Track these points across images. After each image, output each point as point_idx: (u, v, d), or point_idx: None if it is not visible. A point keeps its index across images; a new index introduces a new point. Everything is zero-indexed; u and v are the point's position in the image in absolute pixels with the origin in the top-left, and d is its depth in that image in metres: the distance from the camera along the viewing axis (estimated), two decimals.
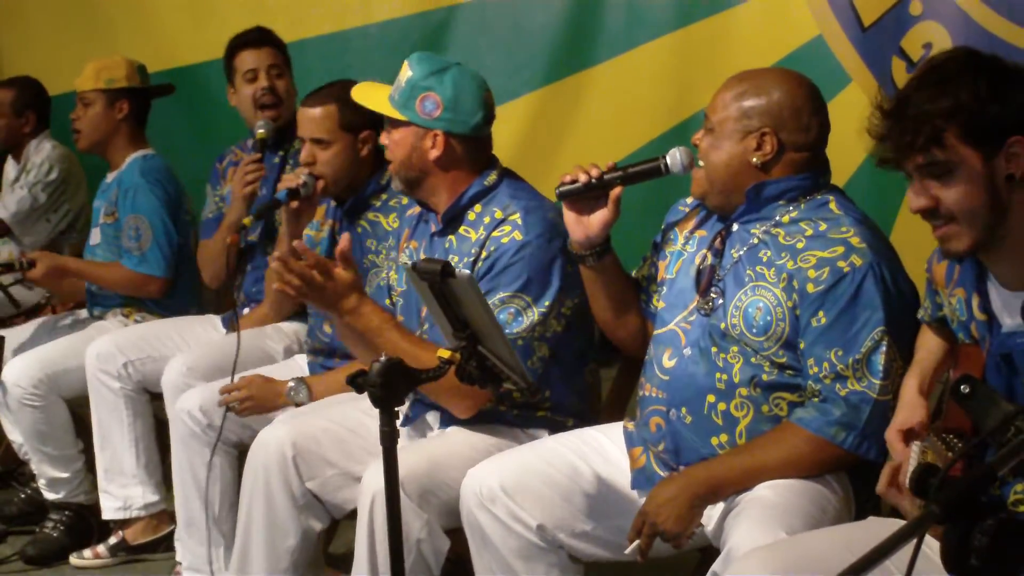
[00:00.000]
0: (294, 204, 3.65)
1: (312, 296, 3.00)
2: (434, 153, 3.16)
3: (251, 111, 4.24)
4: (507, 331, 2.98)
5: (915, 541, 1.48)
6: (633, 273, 3.11)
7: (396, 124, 3.20)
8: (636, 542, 2.66)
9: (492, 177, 3.22)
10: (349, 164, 3.65)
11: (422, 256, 3.28)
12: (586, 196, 2.91)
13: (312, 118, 3.63)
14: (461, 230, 3.20)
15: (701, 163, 2.82)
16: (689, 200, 3.03)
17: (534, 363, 3.07)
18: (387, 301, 3.41)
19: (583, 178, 2.89)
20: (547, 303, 3.06)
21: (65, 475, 4.41)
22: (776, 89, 2.75)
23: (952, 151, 2.16)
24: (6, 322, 4.58)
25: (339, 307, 3.00)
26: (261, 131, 4.14)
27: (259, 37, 4.31)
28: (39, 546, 4.34)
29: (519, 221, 3.10)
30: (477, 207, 3.19)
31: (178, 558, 3.94)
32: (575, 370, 3.23)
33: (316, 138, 3.63)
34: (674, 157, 2.87)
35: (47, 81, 5.42)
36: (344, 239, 3.04)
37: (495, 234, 3.11)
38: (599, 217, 2.91)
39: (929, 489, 1.49)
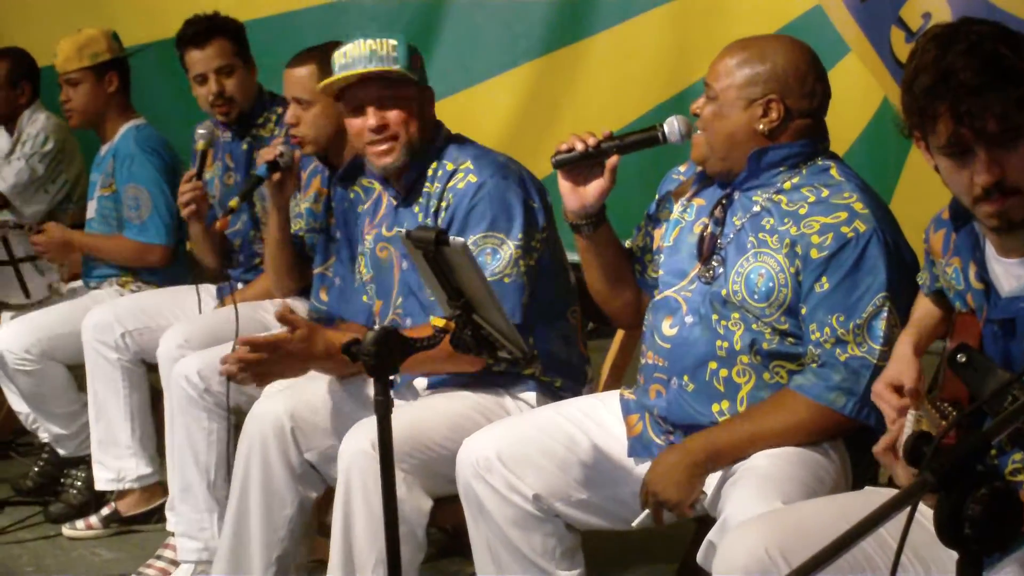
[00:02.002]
0: (276, 177, 3.69)
1: (287, 365, 3.09)
2: (431, 112, 3.24)
3: (209, 110, 4.24)
4: (488, 272, 3.02)
5: (908, 509, 1.47)
6: (627, 243, 3.10)
7: (399, 100, 3.17)
8: (645, 512, 2.69)
9: (442, 135, 3.28)
10: (331, 124, 3.63)
11: (384, 232, 3.31)
12: (582, 165, 2.89)
13: (294, 78, 3.66)
14: (426, 188, 3.23)
15: (700, 131, 2.80)
16: (683, 168, 3.02)
17: (526, 300, 3.11)
18: (363, 298, 3.46)
19: (579, 146, 2.87)
20: (519, 235, 3.09)
21: (68, 431, 4.44)
22: (779, 55, 2.73)
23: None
24: (12, 308, 4.60)
25: (314, 356, 3.08)
26: (200, 143, 4.11)
27: (205, 30, 4.19)
28: (61, 504, 4.41)
29: (471, 166, 3.16)
30: (434, 164, 3.23)
31: (169, 527, 3.93)
32: (558, 312, 3.25)
33: (298, 98, 3.66)
34: (671, 126, 2.85)
35: (41, 52, 5.38)
36: (283, 308, 3.13)
37: (450, 184, 3.16)
38: (595, 187, 2.90)
39: (922, 457, 1.48)
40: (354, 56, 3.12)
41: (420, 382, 3.29)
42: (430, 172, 3.22)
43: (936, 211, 2.47)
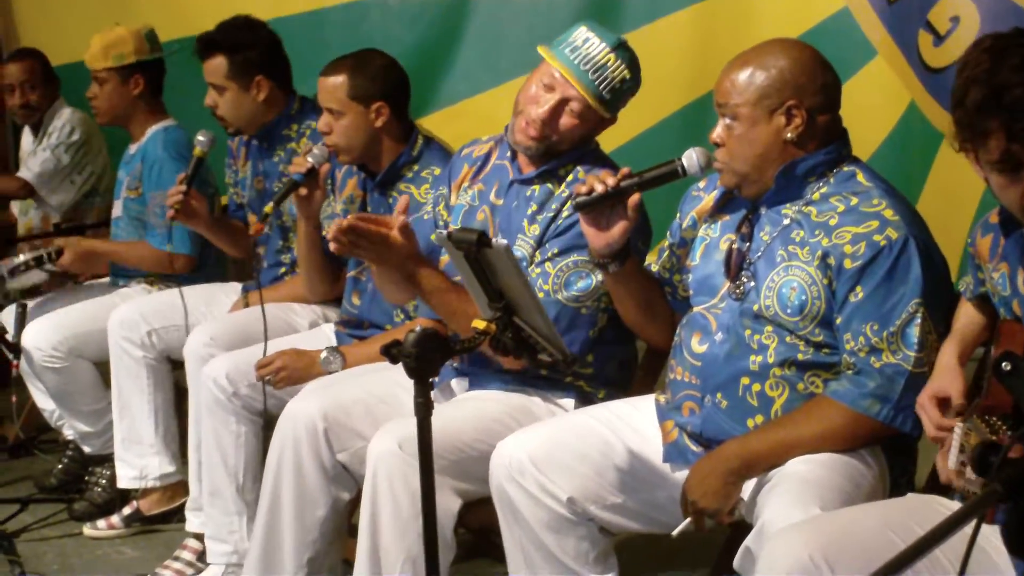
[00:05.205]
0: (303, 191, 3.64)
1: (372, 253, 3.01)
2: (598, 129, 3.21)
3: None
4: (571, 292, 3.03)
5: (975, 521, 1.47)
6: (653, 267, 3.09)
7: (577, 114, 3.12)
8: (686, 520, 2.69)
9: (592, 145, 3.23)
10: (362, 134, 3.63)
11: (492, 199, 3.25)
12: (603, 205, 2.82)
13: (326, 88, 3.64)
14: (551, 187, 3.18)
15: (723, 160, 2.75)
16: (702, 184, 2.99)
17: (593, 335, 3.10)
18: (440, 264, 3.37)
19: (599, 188, 2.79)
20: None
21: (94, 429, 4.45)
22: (781, 59, 2.70)
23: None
24: (41, 289, 4.61)
25: (402, 271, 3.03)
26: (197, 148, 4.12)
27: (206, 45, 4.13)
28: (85, 502, 4.42)
29: None
30: (570, 167, 3.18)
31: (191, 528, 3.94)
32: (627, 338, 3.21)
33: (329, 107, 3.63)
34: (690, 158, 2.79)
35: (65, 48, 5.40)
36: (401, 202, 3.03)
37: None
38: (620, 226, 2.83)
39: (990, 467, 1.47)
40: (575, 46, 3.07)
41: (456, 384, 3.29)
42: (567, 176, 3.17)
43: (962, 214, 2.47)
